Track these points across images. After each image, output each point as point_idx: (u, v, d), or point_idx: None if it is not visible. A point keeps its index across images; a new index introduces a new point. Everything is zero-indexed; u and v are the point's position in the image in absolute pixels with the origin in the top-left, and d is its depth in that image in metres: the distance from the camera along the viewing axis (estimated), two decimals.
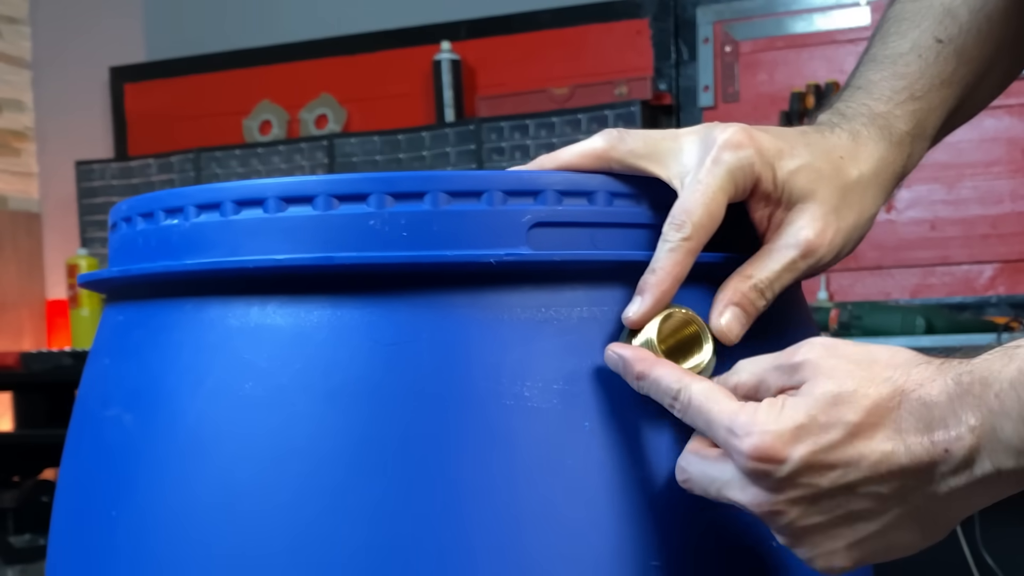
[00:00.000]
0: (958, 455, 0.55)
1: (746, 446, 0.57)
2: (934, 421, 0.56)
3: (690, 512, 0.64)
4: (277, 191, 0.63)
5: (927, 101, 0.76)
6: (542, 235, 0.63)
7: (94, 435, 0.70)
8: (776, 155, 0.66)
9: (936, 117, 0.77)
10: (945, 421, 0.56)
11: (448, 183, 0.62)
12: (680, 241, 0.63)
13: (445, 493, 0.61)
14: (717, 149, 0.64)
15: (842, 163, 0.68)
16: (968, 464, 0.56)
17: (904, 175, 0.74)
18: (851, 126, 0.72)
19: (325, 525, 0.61)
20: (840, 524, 0.58)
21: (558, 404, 0.62)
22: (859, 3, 2.72)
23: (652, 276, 0.63)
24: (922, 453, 0.56)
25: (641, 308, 0.63)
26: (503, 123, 2.88)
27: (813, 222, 0.66)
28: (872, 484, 0.57)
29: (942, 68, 0.77)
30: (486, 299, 0.62)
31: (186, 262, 0.65)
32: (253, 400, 0.63)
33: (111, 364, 0.70)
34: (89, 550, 0.68)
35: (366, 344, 0.62)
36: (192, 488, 0.63)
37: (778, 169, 0.66)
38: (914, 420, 0.56)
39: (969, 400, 0.55)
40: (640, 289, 0.64)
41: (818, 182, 0.67)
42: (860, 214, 0.69)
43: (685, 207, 0.63)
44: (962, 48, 0.78)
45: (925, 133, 0.76)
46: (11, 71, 3.52)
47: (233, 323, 0.64)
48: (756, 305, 0.65)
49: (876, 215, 0.71)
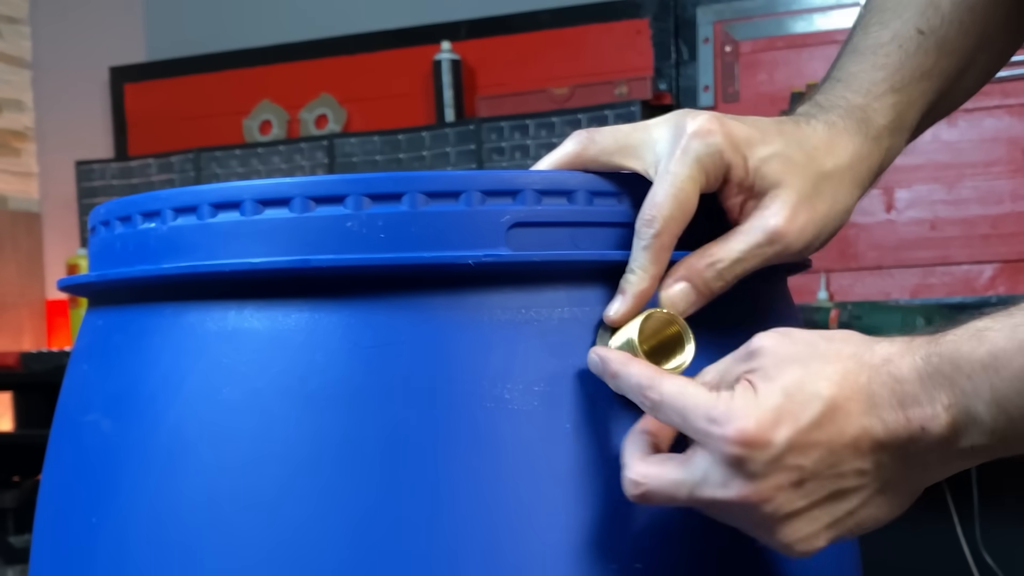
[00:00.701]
0: (934, 433, 0.56)
1: (730, 432, 0.56)
2: (907, 397, 0.57)
3: (674, 514, 0.64)
4: (253, 194, 0.62)
5: (907, 94, 0.75)
6: (521, 235, 0.62)
7: (73, 441, 0.70)
8: (747, 143, 0.65)
9: (916, 110, 0.76)
10: (918, 398, 0.56)
11: (425, 184, 0.62)
12: (652, 238, 0.63)
13: (426, 496, 0.60)
14: (687, 138, 0.64)
15: (816, 153, 0.68)
16: (943, 442, 0.57)
17: (882, 170, 0.74)
18: (828, 117, 0.71)
19: (305, 529, 0.60)
20: (822, 504, 0.58)
21: (539, 406, 0.62)
22: (859, 3, 2.72)
23: (632, 276, 0.63)
24: (899, 429, 0.57)
25: (621, 308, 0.63)
26: (503, 123, 2.87)
27: (783, 209, 0.66)
28: (855, 460, 0.57)
29: (923, 60, 0.77)
30: (465, 301, 0.62)
31: (163, 266, 0.65)
32: (231, 404, 0.62)
33: (90, 369, 0.70)
34: (70, 557, 0.68)
35: (344, 347, 0.61)
36: (171, 493, 0.63)
37: (749, 157, 0.65)
38: (887, 394, 0.57)
39: (940, 380, 0.56)
40: (620, 289, 0.63)
41: (790, 170, 0.66)
42: (833, 205, 0.68)
43: (654, 200, 0.63)
44: (944, 40, 0.78)
45: (904, 126, 0.75)
46: (11, 71, 3.52)
47: (211, 327, 0.63)
48: (710, 286, 0.65)
49: (851, 209, 0.70)
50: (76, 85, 3.52)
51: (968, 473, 2.16)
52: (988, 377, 0.55)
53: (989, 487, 2.23)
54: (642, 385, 0.60)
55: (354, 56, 3.22)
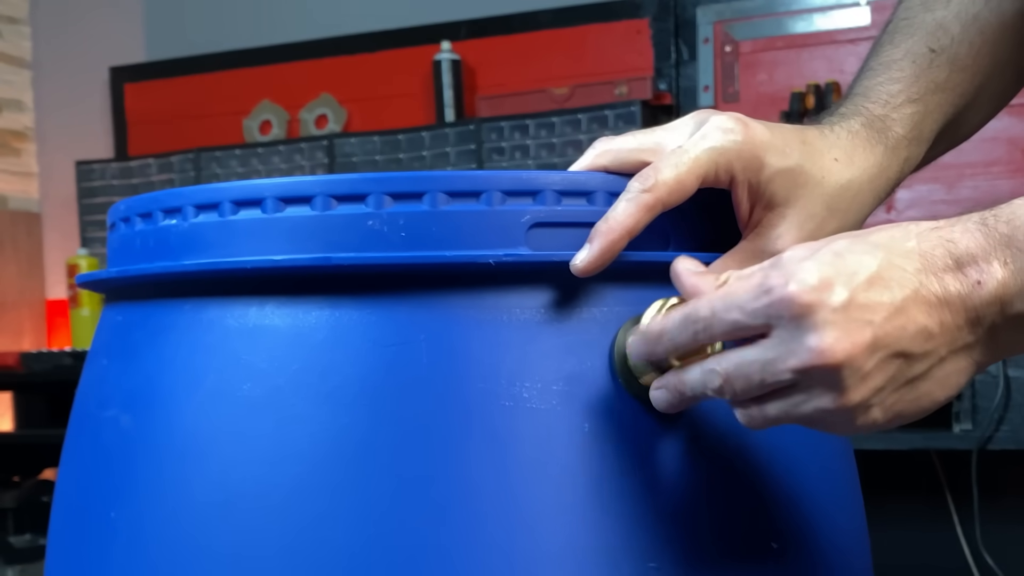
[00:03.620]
0: (990, 287, 0.56)
1: (792, 287, 0.55)
2: (962, 256, 0.56)
3: (691, 514, 0.64)
4: (275, 191, 0.63)
5: (923, 104, 0.76)
6: (541, 235, 0.63)
7: (92, 436, 0.70)
8: (766, 149, 0.65)
9: (933, 121, 0.77)
10: (973, 256, 0.56)
11: (447, 183, 0.62)
12: (639, 192, 0.62)
13: (443, 494, 0.60)
14: (708, 126, 0.64)
15: (835, 167, 0.68)
16: (1002, 300, 0.56)
17: (898, 182, 0.74)
18: (850, 125, 0.72)
19: (323, 526, 0.61)
20: (890, 367, 0.56)
21: (557, 405, 0.62)
22: (859, 3, 2.72)
23: (603, 224, 0.62)
24: (956, 285, 0.56)
25: (588, 256, 0.62)
26: (503, 123, 2.87)
27: (790, 231, 0.66)
28: (919, 317, 0.56)
29: (936, 74, 0.78)
30: (485, 300, 0.62)
31: (184, 263, 0.65)
32: (251, 401, 0.62)
33: (109, 365, 0.70)
34: (88, 551, 0.68)
35: (365, 345, 0.62)
36: (190, 489, 0.63)
37: (765, 166, 0.65)
38: (940, 254, 0.56)
39: (996, 238, 0.56)
40: (590, 237, 0.62)
41: (803, 188, 0.67)
42: (843, 223, 0.68)
43: (656, 165, 0.63)
44: (955, 57, 0.79)
45: (922, 137, 0.76)
46: (11, 71, 3.52)
47: (231, 324, 0.64)
48: None
49: (863, 222, 0.70)
50: (76, 85, 3.52)
51: (968, 473, 2.16)
52: None
53: (989, 487, 2.23)
54: (687, 316, 0.59)
55: (354, 56, 3.21)
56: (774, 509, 0.66)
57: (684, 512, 0.64)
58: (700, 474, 0.64)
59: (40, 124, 3.59)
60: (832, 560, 0.70)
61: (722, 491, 0.65)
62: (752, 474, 0.66)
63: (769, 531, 0.66)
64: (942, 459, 2.41)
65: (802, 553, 0.68)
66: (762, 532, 0.66)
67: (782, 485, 0.67)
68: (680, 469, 0.64)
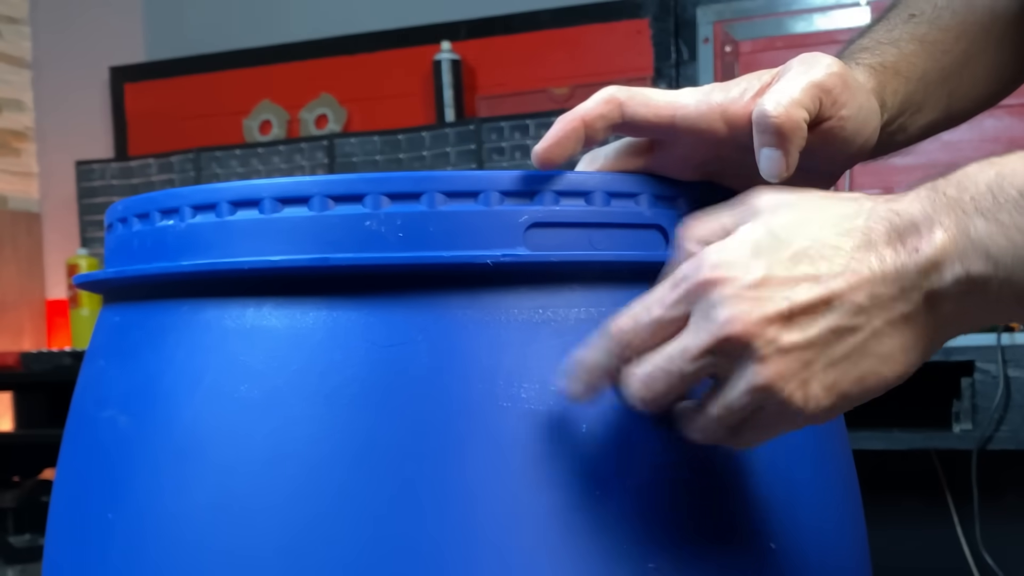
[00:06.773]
0: (927, 252, 0.55)
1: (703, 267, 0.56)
2: (906, 228, 0.56)
3: (690, 515, 0.64)
4: (273, 192, 0.63)
5: (897, 48, 0.78)
6: (539, 236, 0.63)
7: (90, 437, 0.70)
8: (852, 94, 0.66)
9: (910, 64, 0.78)
10: (917, 226, 0.55)
11: (444, 183, 0.62)
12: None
13: (442, 495, 0.60)
14: (828, 59, 0.65)
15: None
16: (938, 264, 0.55)
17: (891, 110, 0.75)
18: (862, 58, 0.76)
19: (321, 528, 0.60)
20: (817, 344, 0.55)
21: (555, 406, 0.62)
22: (859, 3, 2.72)
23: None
24: (894, 258, 0.55)
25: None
26: (503, 123, 2.87)
27: None
28: (849, 294, 0.55)
29: (915, 29, 0.80)
30: (483, 300, 0.62)
31: (182, 263, 0.65)
32: (249, 402, 0.62)
33: (107, 365, 0.70)
34: (85, 553, 0.68)
35: (362, 346, 0.62)
36: (188, 491, 0.63)
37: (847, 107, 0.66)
38: (884, 229, 0.56)
39: (942, 202, 0.55)
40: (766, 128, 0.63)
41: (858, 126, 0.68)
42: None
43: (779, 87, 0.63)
44: (936, 19, 0.82)
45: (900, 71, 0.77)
46: (11, 71, 3.52)
47: (229, 324, 0.64)
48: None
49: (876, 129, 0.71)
50: (76, 85, 3.52)
51: (968, 473, 2.16)
52: (992, 194, 0.54)
53: (989, 487, 2.23)
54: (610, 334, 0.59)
55: (354, 56, 3.22)
56: (773, 510, 0.66)
57: (683, 513, 0.64)
58: (699, 475, 0.64)
59: (40, 124, 3.59)
60: (832, 560, 0.70)
61: (721, 492, 0.65)
62: (751, 475, 0.66)
63: (768, 532, 0.66)
64: (942, 459, 2.41)
65: (801, 553, 0.68)
66: (761, 533, 0.65)
67: (781, 486, 0.67)
68: (679, 470, 0.64)
